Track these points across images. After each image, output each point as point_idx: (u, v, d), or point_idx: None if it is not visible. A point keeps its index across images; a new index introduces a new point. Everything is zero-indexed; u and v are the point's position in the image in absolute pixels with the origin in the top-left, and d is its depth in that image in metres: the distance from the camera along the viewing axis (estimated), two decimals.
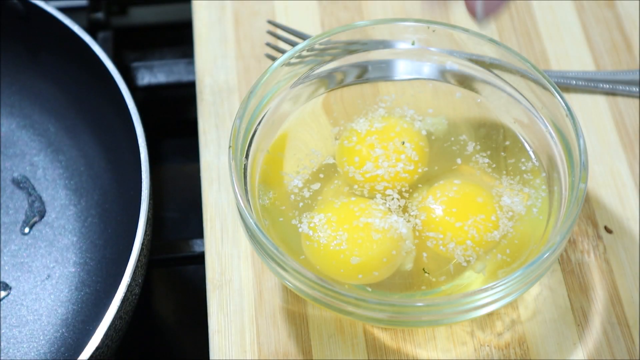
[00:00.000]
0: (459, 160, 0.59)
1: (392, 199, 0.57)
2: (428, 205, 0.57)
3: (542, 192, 0.58)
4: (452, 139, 0.60)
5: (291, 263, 0.52)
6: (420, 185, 0.58)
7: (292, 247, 0.56)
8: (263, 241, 0.53)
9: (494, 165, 0.59)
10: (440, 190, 0.57)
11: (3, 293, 0.64)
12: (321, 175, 0.59)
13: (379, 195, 0.57)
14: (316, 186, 0.58)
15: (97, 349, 0.55)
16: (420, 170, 0.58)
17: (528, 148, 0.59)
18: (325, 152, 0.60)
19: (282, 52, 0.68)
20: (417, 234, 0.56)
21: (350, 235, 0.55)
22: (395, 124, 0.59)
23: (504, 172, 0.59)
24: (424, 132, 0.60)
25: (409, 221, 0.56)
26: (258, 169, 0.58)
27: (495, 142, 0.60)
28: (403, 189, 0.58)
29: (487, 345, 0.58)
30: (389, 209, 0.57)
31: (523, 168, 0.59)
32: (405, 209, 0.57)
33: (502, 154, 0.60)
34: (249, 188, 0.56)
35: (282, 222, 0.57)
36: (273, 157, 0.59)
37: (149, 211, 0.59)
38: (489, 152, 0.59)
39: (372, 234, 0.55)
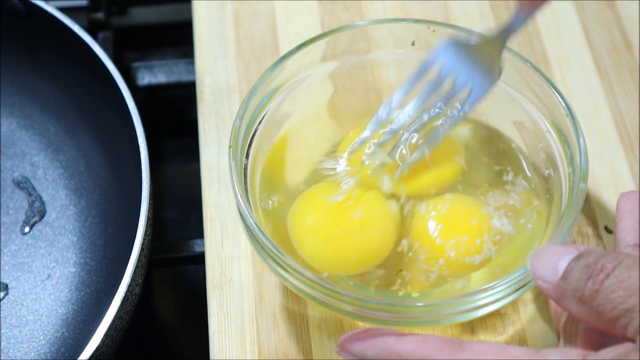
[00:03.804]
0: (458, 160, 0.59)
1: (386, 192, 0.57)
2: (421, 213, 0.56)
3: (541, 193, 0.58)
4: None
5: (291, 263, 0.52)
6: (419, 185, 0.58)
7: (292, 247, 0.56)
8: (263, 241, 0.53)
9: (492, 166, 0.59)
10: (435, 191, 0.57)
11: (3, 293, 0.64)
12: (321, 176, 0.59)
13: (372, 190, 0.57)
14: (315, 186, 0.58)
15: (97, 349, 0.55)
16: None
17: (526, 149, 0.59)
18: (325, 153, 0.60)
19: None
20: (412, 239, 0.56)
21: (344, 228, 0.55)
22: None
23: (504, 171, 0.59)
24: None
25: (402, 211, 0.56)
26: (258, 169, 0.58)
27: (495, 142, 0.60)
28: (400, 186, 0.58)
29: None
30: (383, 200, 0.56)
31: (522, 168, 0.59)
32: (398, 200, 0.57)
33: (501, 154, 0.60)
34: (249, 188, 0.56)
35: (282, 222, 0.57)
36: (273, 157, 0.59)
37: (149, 211, 0.59)
38: (488, 152, 0.59)
39: (363, 224, 0.55)
